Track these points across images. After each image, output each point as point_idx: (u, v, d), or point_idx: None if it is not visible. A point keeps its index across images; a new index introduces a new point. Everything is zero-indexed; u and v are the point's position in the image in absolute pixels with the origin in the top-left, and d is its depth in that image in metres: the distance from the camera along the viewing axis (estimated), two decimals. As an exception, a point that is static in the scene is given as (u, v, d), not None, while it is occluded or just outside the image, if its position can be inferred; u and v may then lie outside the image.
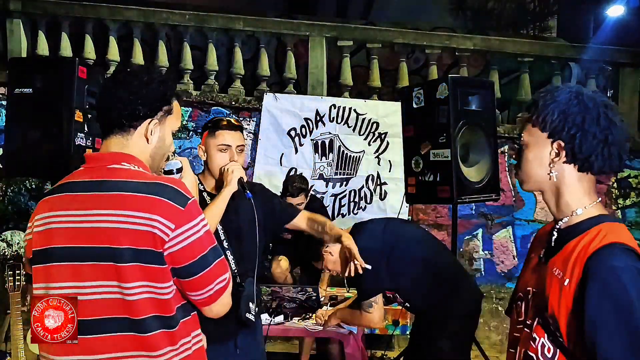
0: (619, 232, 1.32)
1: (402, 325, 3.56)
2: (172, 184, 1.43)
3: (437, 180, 3.23)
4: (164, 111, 1.52)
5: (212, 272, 1.42)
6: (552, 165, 1.37)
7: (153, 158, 1.53)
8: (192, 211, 1.41)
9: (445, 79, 3.21)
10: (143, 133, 1.49)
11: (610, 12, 7.81)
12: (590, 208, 1.37)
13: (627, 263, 1.24)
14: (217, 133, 2.31)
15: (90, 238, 1.37)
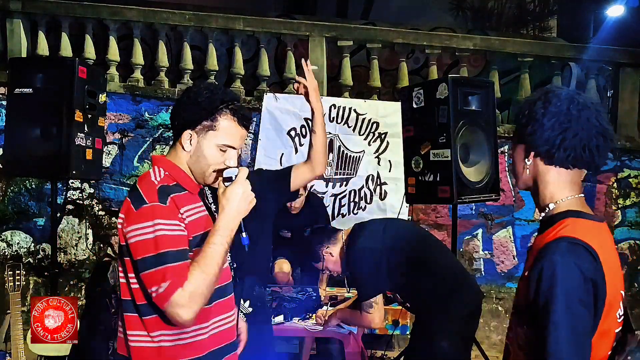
0: (576, 227, 1.37)
1: (402, 325, 3.56)
2: (140, 187, 1.62)
3: (437, 180, 3.23)
4: (204, 126, 1.67)
5: (148, 277, 1.54)
6: (526, 160, 1.46)
7: (192, 168, 1.70)
8: (143, 215, 1.56)
9: (445, 79, 3.21)
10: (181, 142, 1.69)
11: (610, 12, 7.81)
12: (562, 203, 1.44)
13: (565, 257, 1.30)
14: None
15: None
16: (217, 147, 1.68)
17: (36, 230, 5.36)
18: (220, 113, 1.67)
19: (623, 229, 5.37)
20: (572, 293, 1.29)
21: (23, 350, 3.15)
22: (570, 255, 1.31)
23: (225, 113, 1.68)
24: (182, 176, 1.70)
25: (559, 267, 1.30)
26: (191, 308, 1.52)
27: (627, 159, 5.40)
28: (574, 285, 1.30)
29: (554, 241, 1.34)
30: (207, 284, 1.56)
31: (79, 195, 5.39)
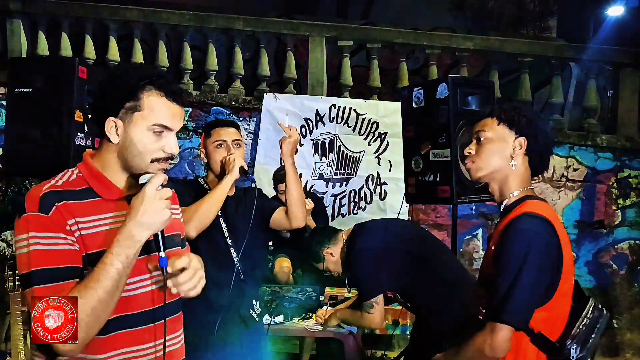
0: (537, 206, 1.66)
1: (402, 325, 3.55)
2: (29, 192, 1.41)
3: (437, 181, 3.23)
4: (127, 108, 1.41)
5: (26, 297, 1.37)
6: (513, 155, 1.72)
7: (124, 158, 1.44)
8: (20, 225, 1.38)
9: (445, 79, 3.21)
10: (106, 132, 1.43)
11: (610, 12, 7.81)
12: (522, 191, 1.72)
13: (533, 227, 1.57)
14: (212, 132, 2.46)
15: None
16: (148, 131, 1.42)
17: (36, 230, 5.36)
18: (143, 90, 1.41)
19: (623, 229, 5.37)
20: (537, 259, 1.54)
21: (23, 350, 3.14)
22: (537, 226, 1.57)
23: (148, 89, 1.42)
24: (97, 179, 1.45)
25: (529, 236, 1.55)
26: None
27: (627, 159, 5.40)
28: (542, 252, 1.55)
29: (518, 216, 1.60)
30: (86, 310, 1.32)
31: (79, 195, 5.38)
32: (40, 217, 1.35)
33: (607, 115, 5.86)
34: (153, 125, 1.42)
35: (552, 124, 5.48)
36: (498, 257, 1.60)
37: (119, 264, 1.32)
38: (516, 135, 1.72)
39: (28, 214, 1.36)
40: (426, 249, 2.85)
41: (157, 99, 1.43)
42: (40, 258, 1.34)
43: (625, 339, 5.23)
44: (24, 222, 1.36)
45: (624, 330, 5.25)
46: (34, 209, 1.36)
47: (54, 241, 1.35)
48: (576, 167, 5.39)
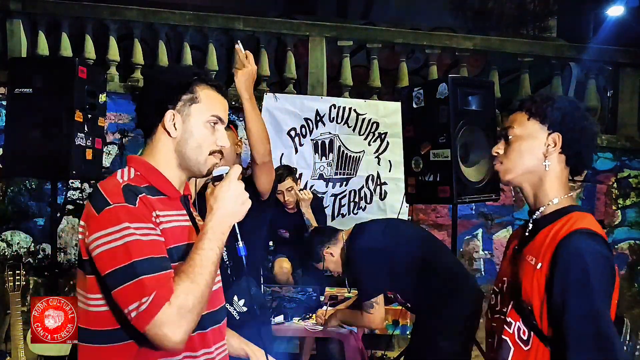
0: (586, 220, 1.44)
1: (402, 325, 3.56)
2: (102, 188, 1.34)
3: (437, 181, 3.23)
4: (185, 100, 1.42)
5: (123, 293, 1.25)
6: (547, 154, 1.50)
7: (183, 152, 1.43)
8: (106, 218, 1.28)
9: (445, 79, 3.22)
10: (163, 128, 1.42)
11: (610, 12, 7.81)
12: (564, 199, 1.50)
13: (591, 247, 1.36)
14: None
15: None
16: (205, 123, 1.44)
17: (36, 230, 5.36)
18: (196, 84, 1.44)
19: (623, 229, 5.37)
20: (603, 283, 1.35)
21: (23, 350, 3.15)
22: (594, 244, 1.37)
23: (201, 83, 1.45)
24: (158, 178, 1.42)
25: (589, 256, 1.34)
26: (181, 326, 1.24)
27: (627, 159, 5.40)
28: (603, 274, 1.36)
29: (572, 234, 1.39)
30: (198, 296, 1.27)
31: (79, 195, 5.39)
32: (129, 208, 1.30)
33: (607, 115, 5.86)
34: (211, 117, 1.44)
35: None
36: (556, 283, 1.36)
37: (217, 249, 1.34)
38: (549, 131, 1.49)
39: (115, 206, 1.29)
40: (426, 249, 2.85)
41: (210, 91, 1.46)
42: (141, 248, 1.27)
43: (625, 339, 5.23)
44: (115, 213, 1.28)
45: (624, 330, 5.24)
46: (120, 200, 1.30)
47: (147, 231, 1.30)
48: (576, 167, 5.38)
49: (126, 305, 1.24)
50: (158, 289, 1.24)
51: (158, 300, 1.23)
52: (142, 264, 1.25)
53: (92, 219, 1.30)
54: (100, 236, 1.27)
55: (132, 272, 1.25)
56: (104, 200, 1.30)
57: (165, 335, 1.23)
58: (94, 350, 1.35)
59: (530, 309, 1.41)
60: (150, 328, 1.23)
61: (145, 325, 1.23)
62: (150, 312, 1.22)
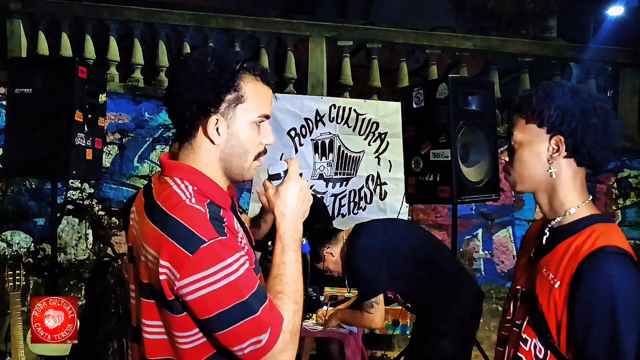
0: (612, 234, 1.29)
1: (402, 325, 3.56)
2: (183, 219, 1.15)
3: (437, 180, 3.23)
4: (229, 101, 1.23)
5: (238, 332, 1.14)
6: (551, 161, 1.34)
7: (228, 160, 1.27)
8: (204, 258, 1.13)
9: (445, 79, 3.21)
10: (204, 134, 1.24)
11: (610, 12, 7.81)
12: (582, 207, 1.35)
13: (620, 271, 1.21)
14: None
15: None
16: (252, 124, 1.26)
17: (36, 230, 5.36)
18: (241, 77, 1.24)
19: (623, 229, 5.34)
20: (632, 311, 1.21)
21: (23, 350, 3.14)
22: (624, 269, 1.22)
23: (246, 75, 1.24)
24: (215, 190, 1.25)
25: (616, 283, 1.20)
26: (292, 351, 1.19)
27: (627, 159, 5.40)
28: (634, 302, 1.22)
29: (597, 253, 1.24)
30: (300, 315, 1.21)
31: (79, 195, 5.39)
32: (223, 241, 1.16)
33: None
34: (258, 117, 1.27)
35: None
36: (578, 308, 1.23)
37: (300, 259, 1.27)
38: (549, 134, 1.33)
39: (211, 242, 1.14)
40: (426, 249, 2.85)
41: (255, 85, 1.26)
42: (246, 282, 1.16)
43: (625, 339, 5.23)
44: (211, 253, 1.14)
45: (624, 330, 5.25)
46: (214, 235, 1.15)
47: (243, 260, 1.18)
48: (576, 167, 5.38)
49: (239, 343, 1.15)
50: (272, 322, 1.16)
51: (274, 334, 1.16)
52: (253, 300, 1.15)
53: (186, 261, 1.13)
54: (199, 279, 1.13)
55: (245, 311, 1.14)
56: (195, 237, 1.14)
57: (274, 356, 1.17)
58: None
59: (548, 328, 1.30)
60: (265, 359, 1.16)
61: (260, 358, 1.16)
62: (268, 347, 1.15)
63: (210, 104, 1.22)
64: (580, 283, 1.23)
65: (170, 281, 1.15)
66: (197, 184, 1.23)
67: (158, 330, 1.22)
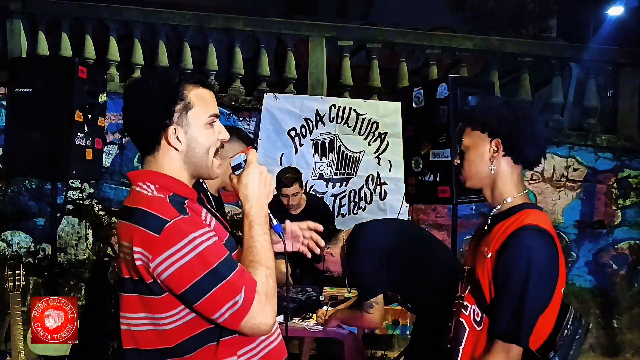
0: (536, 217, 1.59)
1: (402, 325, 3.56)
2: (147, 207, 1.31)
3: (437, 181, 3.23)
4: (179, 110, 1.39)
5: (214, 299, 1.26)
6: (492, 160, 1.66)
7: (192, 162, 1.42)
8: (169, 236, 1.26)
9: (445, 79, 3.22)
10: (167, 144, 1.40)
11: (610, 12, 7.81)
12: (518, 197, 1.66)
13: (537, 243, 1.52)
14: None
15: None
16: (205, 125, 1.42)
17: (36, 230, 5.36)
18: (184, 87, 1.41)
19: (623, 229, 5.37)
20: (542, 276, 1.51)
21: (23, 350, 3.15)
22: (540, 242, 1.52)
23: (187, 85, 1.41)
24: (176, 184, 1.41)
25: (533, 253, 1.50)
26: (270, 312, 1.31)
27: (627, 159, 5.40)
28: (545, 269, 1.51)
29: (522, 228, 1.54)
30: (274, 280, 1.35)
31: (79, 195, 5.39)
32: (185, 219, 1.30)
33: (607, 115, 5.86)
34: (209, 117, 1.43)
35: (552, 124, 5.48)
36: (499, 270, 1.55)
37: (267, 233, 1.41)
38: (490, 137, 1.65)
39: (174, 221, 1.28)
40: (426, 249, 2.85)
41: (198, 90, 1.43)
42: (214, 251, 1.30)
43: (625, 339, 5.22)
44: (176, 229, 1.28)
45: (624, 330, 5.24)
46: (175, 214, 1.30)
47: (209, 235, 1.32)
48: (576, 167, 5.38)
49: (217, 309, 1.27)
50: (244, 284, 1.28)
51: (249, 294, 1.28)
52: (222, 267, 1.28)
53: (154, 242, 1.27)
54: (168, 255, 1.26)
55: (217, 276, 1.27)
56: (159, 220, 1.28)
57: (261, 323, 1.30)
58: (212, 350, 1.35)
59: (482, 293, 1.58)
60: (246, 322, 1.28)
61: (240, 321, 1.28)
62: (245, 308, 1.27)
63: (164, 117, 1.38)
64: (504, 251, 1.54)
65: (145, 264, 1.28)
66: (158, 182, 1.39)
67: (143, 322, 1.34)
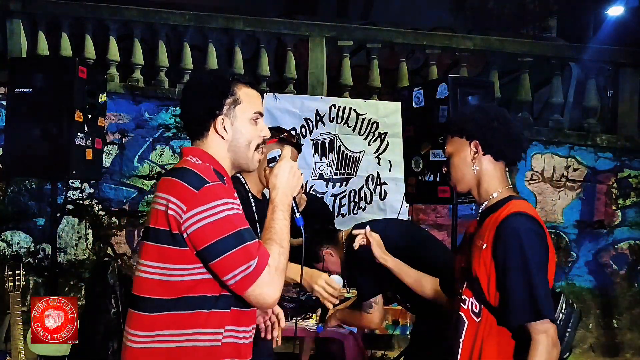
0: (521, 205, 1.70)
1: (402, 325, 3.56)
2: (194, 168, 1.48)
3: (437, 181, 3.23)
4: (229, 104, 1.58)
5: (231, 259, 1.39)
6: (474, 160, 1.78)
7: (235, 151, 1.59)
8: (206, 194, 1.42)
9: (445, 79, 3.21)
10: (215, 132, 1.57)
11: (610, 12, 7.81)
12: (503, 191, 1.78)
13: (525, 226, 1.63)
14: None
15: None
16: (250, 120, 1.60)
17: (36, 230, 5.36)
18: (235, 84, 1.60)
19: (623, 229, 5.37)
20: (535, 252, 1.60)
21: (23, 350, 3.15)
22: (527, 225, 1.63)
23: (237, 84, 1.61)
24: (220, 166, 1.58)
25: (522, 234, 1.61)
26: (277, 286, 1.43)
27: (627, 159, 5.40)
28: (536, 247, 1.62)
29: (509, 216, 1.65)
30: (286, 257, 1.49)
31: (79, 195, 5.39)
32: (223, 186, 1.48)
33: (607, 115, 5.86)
34: (254, 114, 1.61)
35: (552, 124, 5.48)
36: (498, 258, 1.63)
37: (288, 219, 1.55)
38: (468, 140, 1.79)
39: (214, 184, 1.45)
40: (426, 249, 2.84)
41: (247, 89, 1.62)
42: (241, 219, 1.45)
43: (625, 339, 5.23)
44: (213, 191, 1.43)
45: (624, 330, 5.24)
46: (216, 179, 1.47)
47: (238, 207, 1.48)
48: (576, 167, 5.38)
49: (231, 270, 1.39)
50: (259, 253, 1.41)
51: (261, 263, 1.40)
52: (245, 232, 1.43)
53: (192, 196, 1.42)
54: (202, 210, 1.41)
55: (239, 239, 1.41)
56: (201, 179, 1.44)
57: (267, 294, 1.42)
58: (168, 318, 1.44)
59: (479, 284, 1.67)
60: (253, 289, 1.40)
61: (248, 287, 1.40)
62: (255, 274, 1.39)
63: (215, 107, 1.57)
64: (498, 240, 1.64)
65: (177, 215, 1.41)
66: (206, 160, 1.55)
67: (152, 271, 1.46)
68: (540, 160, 5.38)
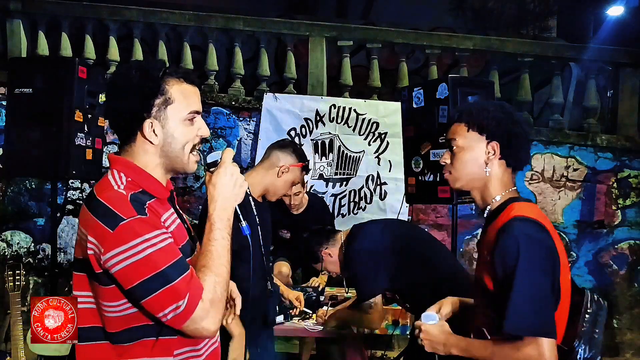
0: (524, 208, 1.59)
1: (402, 325, 3.55)
2: (107, 201, 1.32)
3: (437, 181, 3.23)
4: (158, 105, 1.39)
5: (157, 301, 1.28)
6: (487, 162, 1.65)
7: (168, 156, 1.42)
8: (122, 234, 1.27)
9: (445, 79, 3.21)
10: (143, 137, 1.40)
11: (610, 12, 7.81)
12: (506, 193, 1.66)
13: (525, 233, 1.50)
14: None
15: None
16: (184, 121, 1.41)
17: (36, 230, 5.36)
18: (166, 81, 1.39)
19: (623, 229, 5.37)
20: (534, 262, 1.48)
21: (23, 350, 3.15)
22: (527, 230, 1.50)
23: (169, 80, 1.40)
24: (149, 181, 1.41)
25: (521, 242, 1.48)
26: (216, 317, 1.32)
27: (627, 159, 5.40)
28: (536, 254, 1.49)
29: (508, 222, 1.54)
30: (223, 286, 1.35)
31: (79, 195, 5.39)
32: (142, 219, 1.31)
33: (607, 115, 5.86)
34: (188, 114, 1.42)
35: (552, 124, 5.49)
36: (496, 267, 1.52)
37: (227, 237, 1.39)
38: (487, 140, 1.65)
39: (130, 220, 1.29)
40: (425, 249, 2.84)
41: (180, 86, 1.42)
42: (164, 255, 1.30)
43: (625, 339, 5.23)
44: (129, 229, 1.28)
45: (624, 330, 5.24)
46: (132, 213, 1.30)
47: (163, 237, 1.32)
48: (576, 167, 5.39)
49: (161, 310, 1.29)
50: (190, 290, 1.29)
51: (192, 300, 1.29)
52: (170, 271, 1.29)
53: (107, 237, 1.28)
54: (119, 252, 1.28)
55: (162, 280, 1.28)
56: (114, 216, 1.29)
57: (203, 328, 1.31)
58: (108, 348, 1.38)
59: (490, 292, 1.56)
60: (187, 325, 1.30)
61: (182, 323, 1.30)
62: (187, 312, 1.28)
63: (142, 110, 1.38)
64: (496, 248, 1.53)
65: (97, 255, 1.30)
66: (131, 175, 1.39)
67: (87, 300, 1.39)
68: (540, 160, 5.38)
